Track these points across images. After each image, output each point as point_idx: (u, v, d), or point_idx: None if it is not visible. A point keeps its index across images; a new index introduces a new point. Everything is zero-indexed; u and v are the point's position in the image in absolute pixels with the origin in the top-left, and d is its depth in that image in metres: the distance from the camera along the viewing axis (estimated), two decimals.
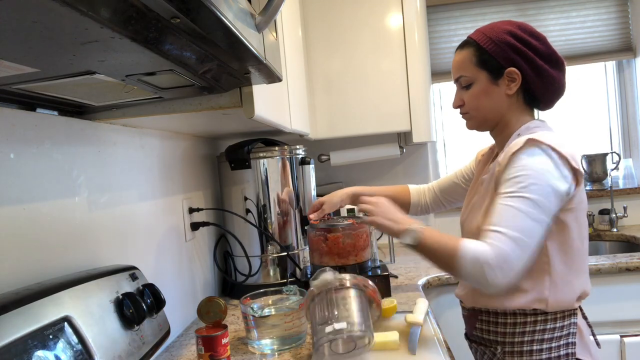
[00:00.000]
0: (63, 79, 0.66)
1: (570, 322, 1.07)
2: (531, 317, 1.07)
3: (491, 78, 1.12)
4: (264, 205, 1.62)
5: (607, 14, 2.40)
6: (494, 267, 0.94)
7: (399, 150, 2.19)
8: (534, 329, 1.06)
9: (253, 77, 0.85)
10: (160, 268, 1.25)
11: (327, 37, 2.01)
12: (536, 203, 0.97)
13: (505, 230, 0.96)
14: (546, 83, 1.10)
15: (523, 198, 0.97)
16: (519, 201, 0.98)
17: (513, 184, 1.00)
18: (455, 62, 1.19)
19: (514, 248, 0.95)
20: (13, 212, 0.76)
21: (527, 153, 1.00)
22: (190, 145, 1.55)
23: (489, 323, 1.13)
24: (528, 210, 0.97)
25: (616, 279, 1.76)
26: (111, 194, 1.05)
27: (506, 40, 1.10)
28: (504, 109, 1.13)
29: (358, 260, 1.39)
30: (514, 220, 0.97)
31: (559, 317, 1.06)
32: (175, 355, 1.21)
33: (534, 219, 0.97)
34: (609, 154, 2.43)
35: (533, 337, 1.06)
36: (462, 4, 2.44)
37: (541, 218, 0.98)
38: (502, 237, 0.95)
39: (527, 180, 0.98)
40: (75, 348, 0.70)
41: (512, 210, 0.98)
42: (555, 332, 1.06)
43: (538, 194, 0.98)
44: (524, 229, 0.96)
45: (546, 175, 0.99)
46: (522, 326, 1.07)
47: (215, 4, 0.49)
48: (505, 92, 1.11)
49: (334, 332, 0.99)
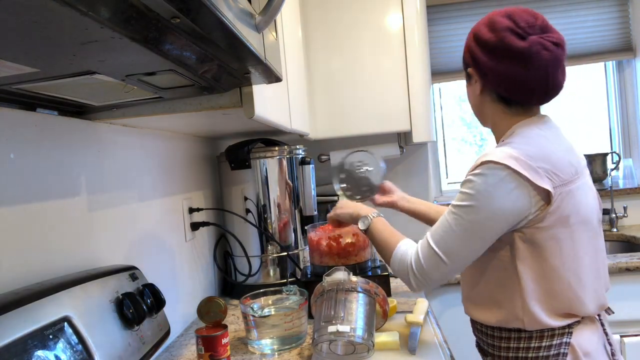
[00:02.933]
0: (63, 79, 0.66)
1: (560, 342, 0.99)
2: (515, 333, 1.03)
3: (466, 78, 1.12)
4: (264, 205, 1.62)
5: (607, 14, 2.40)
6: (414, 273, 1.01)
7: (399, 150, 2.18)
8: (517, 346, 1.03)
9: (253, 77, 0.85)
10: (160, 268, 1.25)
11: (327, 37, 2.01)
12: (470, 227, 0.97)
13: (433, 244, 1.00)
14: (496, 81, 1.03)
15: (460, 218, 0.98)
16: (455, 220, 0.98)
17: (458, 199, 1.00)
18: None
19: (433, 263, 0.99)
20: (13, 212, 0.76)
21: (479, 174, 0.97)
22: (190, 145, 1.55)
23: (481, 333, 1.12)
24: (459, 233, 0.98)
25: (616, 279, 1.76)
26: (111, 194, 1.05)
27: (468, 39, 1.08)
28: (480, 107, 1.11)
29: (358, 260, 1.39)
30: (444, 236, 0.99)
31: (546, 336, 1.00)
32: (175, 355, 1.21)
33: (463, 242, 0.98)
34: (609, 154, 2.43)
35: (517, 353, 1.03)
36: (462, 4, 2.44)
37: (471, 243, 0.98)
38: (428, 250, 1.00)
39: (469, 200, 0.97)
40: (75, 348, 0.70)
41: (447, 226, 0.99)
42: (540, 352, 1.00)
43: (475, 219, 0.96)
44: (448, 248, 0.98)
45: (491, 199, 0.95)
46: (507, 341, 1.05)
47: (215, 4, 0.49)
48: (475, 92, 1.09)
49: (336, 334, 0.99)
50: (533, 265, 0.99)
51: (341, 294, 1.07)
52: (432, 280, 1.01)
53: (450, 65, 2.45)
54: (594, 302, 1.02)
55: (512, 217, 0.96)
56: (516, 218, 0.96)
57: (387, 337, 1.12)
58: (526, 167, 0.93)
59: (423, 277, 1.01)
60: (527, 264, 0.99)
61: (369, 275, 1.38)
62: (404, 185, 2.46)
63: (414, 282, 1.02)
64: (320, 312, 1.06)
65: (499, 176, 0.94)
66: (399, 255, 1.06)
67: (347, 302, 1.06)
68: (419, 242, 1.04)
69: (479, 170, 0.97)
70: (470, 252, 0.99)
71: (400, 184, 2.46)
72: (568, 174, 0.97)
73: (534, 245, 0.98)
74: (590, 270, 1.02)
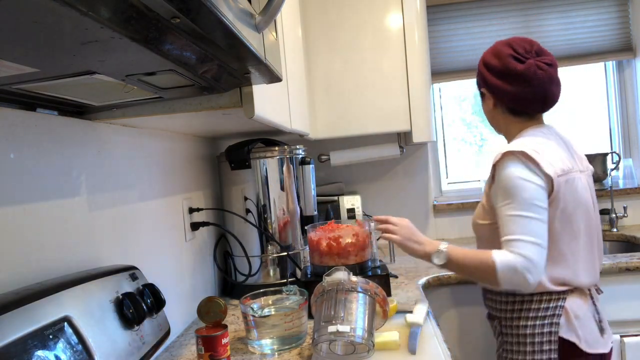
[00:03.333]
0: (63, 79, 0.66)
1: (556, 306, 1.22)
2: (519, 297, 1.25)
3: (480, 95, 1.40)
4: (264, 205, 1.62)
5: (607, 14, 2.40)
6: (527, 270, 1.12)
7: (399, 150, 2.18)
8: (520, 308, 1.25)
9: (253, 77, 0.85)
10: (160, 268, 1.25)
11: (327, 37, 2.01)
12: (532, 204, 1.16)
13: (521, 237, 1.14)
14: (505, 98, 1.30)
15: (520, 205, 1.16)
16: (517, 208, 1.16)
17: (506, 195, 1.19)
18: None
19: (534, 251, 1.13)
20: (13, 212, 0.76)
21: (505, 164, 1.20)
22: (190, 145, 1.55)
23: (491, 300, 1.34)
24: (529, 214, 1.15)
25: (616, 279, 1.76)
26: (111, 194, 1.05)
27: (480, 62, 1.35)
28: (494, 119, 1.38)
29: (358, 260, 1.39)
30: (524, 227, 1.15)
31: (544, 300, 1.23)
32: (175, 355, 1.21)
33: (537, 219, 1.15)
34: (609, 154, 2.43)
35: (520, 314, 1.25)
36: (462, 4, 2.44)
37: (541, 216, 1.16)
38: (522, 244, 1.14)
39: (516, 189, 1.17)
40: (75, 348, 0.70)
41: (518, 218, 1.16)
42: (539, 312, 1.23)
43: (529, 196, 1.16)
44: (533, 231, 1.15)
45: (525, 178, 1.17)
46: (512, 305, 1.27)
47: (215, 4, 0.49)
48: (488, 107, 1.37)
49: (336, 334, 0.99)
50: None
51: (341, 294, 1.07)
52: (542, 266, 1.15)
53: (450, 65, 2.45)
54: (587, 276, 1.25)
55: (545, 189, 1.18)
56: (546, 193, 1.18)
57: (387, 337, 1.11)
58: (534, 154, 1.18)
59: (536, 268, 1.13)
60: None
61: (369, 275, 1.38)
62: (404, 185, 2.47)
63: (531, 279, 1.13)
64: (320, 312, 1.06)
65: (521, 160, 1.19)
66: (505, 266, 1.14)
67: (347, 302, 1.05)
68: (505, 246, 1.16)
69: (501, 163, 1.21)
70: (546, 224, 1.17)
71: (400, 184, 2.48)
72: (566, 166, 1.23)
73: None
74: (585, 249, 1.25)
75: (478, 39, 2.43)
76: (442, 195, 2.58)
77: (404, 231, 1.29)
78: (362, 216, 2.17)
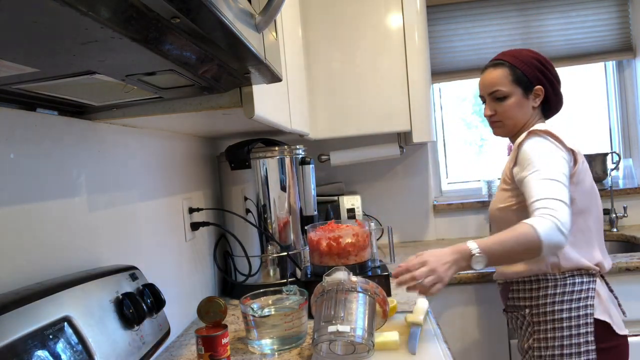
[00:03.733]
0: (63, 79, 0.66)
1: (589, 287, 1.27)
2: (552, 281, 1.29)
3: (523, 93, 1.41)
4: (264, 205, 1.62)
5: (607, 14, 2.40)
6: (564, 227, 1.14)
7: (399, 150, 2.18)
8: (554, 292, 1.28)
9: (253, 77, 0.85)
10: (160, 268, 1.25)
11: (327, 37, 2.01)
12: (558, 171, 1.22)
13: (555, 197, 1.17)
14: (558, 98, 1.45)
15: (546, 171, 1.22)
16: (544, 174, 1.21)
17: (531, 163, 1.25)
18: (490, 78, 1.44)
19: (564, 209, 1.16)
20: (13, 212, 0.76)
21: (530, 140, 1.30)
22: (190, 145, 1.55)
23: (518, 291, 1.36)
24: (556, 178, 1.20)
25: (616, 279, 1.76)
26: (111, 194, 1.05)
27: (534, 64, 1.40)
28: (527, 117, 1.43)
29: (358, 260, 1.39)
30: (551, 189, 1.18)
31: (577, 282, 1.28)
32: (175, 355, 1.21)
33: (563, 184, 1.21)
34: (609, 154, 2.43)
35: (554, 299, 1.28)
36: (462, 4, 2.44)
37: (566, 183, 1.22)
38: (556, 203, 1.16)
39: (540, 158, 1.24)
40: (75, 348, 0.70)
41: (545, 182, 1.20)
42: (573, 295, 1.27)
43: (555, 164, 1.23)
44: (560, 193, 1.18)
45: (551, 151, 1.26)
46: (545, 290, 1.30)
47: (215, 4, 0.49)
48: (532, 105, 1.42)
49: (336, 334, 0.99)
50: None
51: (341, 294, 1.07)
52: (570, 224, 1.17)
53: (450, 65, 2.45)
54: (606, 260, 1.33)
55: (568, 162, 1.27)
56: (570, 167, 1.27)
57: (387, 337, 1.11)
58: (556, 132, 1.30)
59: (567, 227, 1.15)
60: None
61: (369, 275, 1.38)
62: (404, 185, 2.47)
63: (566, 238, 1.15)
64: (320, 312, 1.06)
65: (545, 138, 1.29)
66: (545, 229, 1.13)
67: (347, 302, 1.05)
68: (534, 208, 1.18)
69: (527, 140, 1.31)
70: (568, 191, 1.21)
71: (400, 184, 2.48)
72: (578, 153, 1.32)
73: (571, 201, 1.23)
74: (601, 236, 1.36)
75: (478, 39, 2.43)
76: (442, 195, 2.58)
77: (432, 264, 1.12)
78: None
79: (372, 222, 1.56)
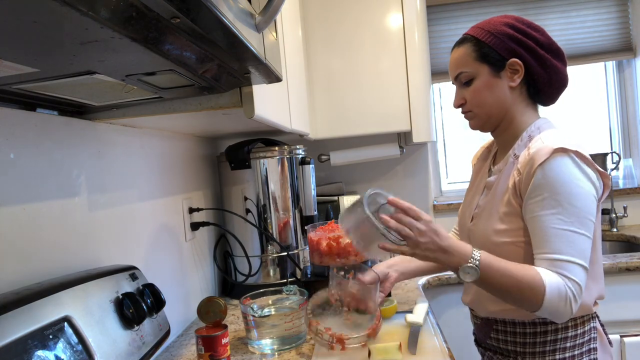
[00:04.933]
0: (63, 79, 0.66)
1: (591, 327, 1.05)
2: (552, 325, 1.03)
3: (493, 71, 1.08)
4: (264, 205, 1.62)
5: (607, 14, 2.40)
6: (575, 299, 0.93)
7: (399, 150, 2.18)
8: (555, 338, 1.04)
9: (253, 77, 0.85)
10: (160, 268, 1.25)
11: (327, 37, 2.01)
12: (585, 218, 0.96)
13: (573, 260, 0.94)
14: (550, 73, 1.06)
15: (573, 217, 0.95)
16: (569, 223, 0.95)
17: (556, 202, 0.95)
18: (453, 60, 1.13)
19: (583, 277, 0.94)
20: (13, 212, 0.76)
21: (556, 162, 0.95)
22: (190, 145, 1.55)
23: (506, 333, 1.09)
24: (582, 231, 0.95)
25: (616, 279, 1.76)
26: (111, 194, 1.05)
27: (505, 32, 1.09)
28: (507, 103, 1.08)
29: (358, 260, 1.39)
30: (575, 246, 0.94)
31: (579, 324, 1.04)
32: (175, 355, 1.21)
33: (587, 237, 0.96)
34: (609, 154, 2.43)
35: (555, 346, 1.04)
36: (462, 4, 2.44)
37: (590, 234, 0.97)
38: (577, 268, 0.94)
39: (570, 197, 0.95)
40: (75, 348, 0.70)
41: (569, 234, 0.94)
42: (577, 339, 1.04)
43: (583, 207, 0.95)
44: (583, 252, 0.95)
45: (580, 184, 0.95)
46: (543, 335, 1.04)
47: (215, 4, 0.49)
48: (509, 85, 1.07)
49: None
50: None
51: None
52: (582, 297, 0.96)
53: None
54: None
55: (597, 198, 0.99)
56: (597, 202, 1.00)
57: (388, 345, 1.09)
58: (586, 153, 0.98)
59: (581, 298, 0.95)
60: None
61: None
62: (404, 185, 2.47)
63: (574, 310, 0.94)
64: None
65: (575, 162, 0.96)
66: (554, 291, 0.92)
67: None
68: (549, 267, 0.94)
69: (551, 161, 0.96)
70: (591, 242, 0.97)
71: (400, 184, 2.48)
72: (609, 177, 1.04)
73: None
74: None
75: None
76: (442, 195, 2.58)
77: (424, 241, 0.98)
78: None
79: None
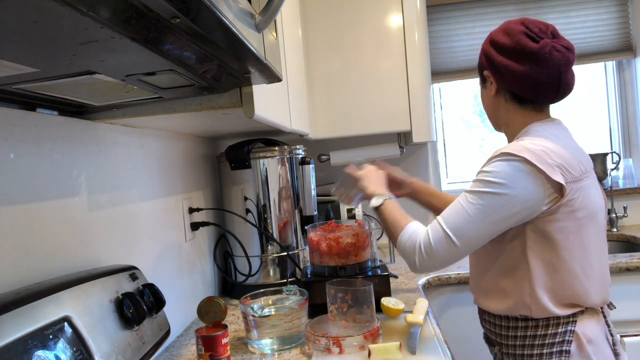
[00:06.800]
0: (63, 79, 0.66)
1: (565, 330, 1.05)
2: (522, 322, 1.09)
3: (481, 82, 1.20)
4: (264, 205, 1.62)
5: (607, 14, 2.40)
6: (421, 252, 1.04)
7: (399, 150, 2.18)
8: (524, 334, 1.09)
9: (253, 77, 0.85)
10: (160, 268, 1.25)
11: (327, 37, 2.01)
12: (484, 210, 1.01)
13: (444, 225, 1.03)
14: (513, 80, 1.09)
15: (475, 202, 1.02)
16: (469, 204, 1.03)
17: (473, 185, 1.05)
18: None
19: (442, 243, 1.03)
20: (13, 212, 0.76)
21: (497, 163, 1.03)
22: (190, 145, 1.55)
23: (489, 324, 1.18)
24: (473, 216, 1.02)
25: (616, 279, 1.76)
26: (111, 194, 1.05)
27: (484, 43, 1.16)
28: (497, 110, 1.17)
29: (358, 260, 1.39)
30: (456, 219, 1.03)
31: (551, 325, 1.06)
32: (175, 355, 1.21)
33: (476, 225, 1.02)
34: (609, 154, 2.43)
35: (524, 342, 1.09)
36: (462, 4, 2.44)
37: (483, 226, 1.02)
38: (439, 230, 1.04)
39: (486, 187, 1.02)
40: (75, 348, 0.70)
41: (461, 209, 1.04)
42: (546, 339, 1.06)
43: (490, 203, 1.01)
44: (460, 230, 1.02)
45: (507, 187, 1.00)
46: (514, 330, 1.11)
47: (215, 4, 0.49)
48: (490, 94, 1.16)
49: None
50: (543, 256, 1.04)
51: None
52: (438, 261, 1.05)
53: (450, 65, 2.45)
54: (599, 294, 1.07)
55: (525, 206, 1.01)
56: (529, 208, 1.01)
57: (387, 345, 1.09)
58: (541, 161, 0.99)
59: (429, 256, 1.04)
60: (537, 254, 1.05)
61: (369, 276, 1.37)
62: None
63: (418, 261, 1.05)
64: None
65: (515, 167, 1.00)
66: (408, 234, 1.08)
67: None
68: (429, 225, 1.07)
69: (497, 160, 1.03)
70: (480, 235, 1.03)
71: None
72: (578, 171, 1.04)
73: (544, 237, 1.04)
74: (597, 264, 1.07)
75: (478, 39, 2.43)
76: None
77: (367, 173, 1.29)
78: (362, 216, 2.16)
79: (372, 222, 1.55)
